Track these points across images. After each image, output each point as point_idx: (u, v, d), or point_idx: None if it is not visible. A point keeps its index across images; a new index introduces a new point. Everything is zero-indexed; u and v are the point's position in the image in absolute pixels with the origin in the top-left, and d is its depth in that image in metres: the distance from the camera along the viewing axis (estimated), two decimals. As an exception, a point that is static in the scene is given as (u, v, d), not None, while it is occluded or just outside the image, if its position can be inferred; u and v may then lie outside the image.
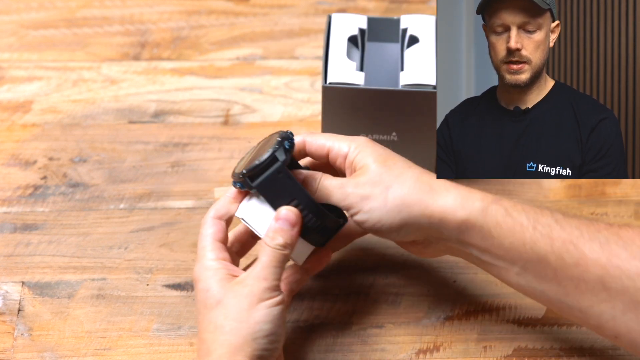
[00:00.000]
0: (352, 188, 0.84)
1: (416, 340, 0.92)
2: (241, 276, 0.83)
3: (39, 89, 1.11)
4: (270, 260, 0.83)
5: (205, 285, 0.82)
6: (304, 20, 1.19)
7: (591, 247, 0.79)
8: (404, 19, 1.01)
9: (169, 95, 1.11)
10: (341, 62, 0.97)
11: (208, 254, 0.84)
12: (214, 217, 0.86)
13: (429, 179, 0.84)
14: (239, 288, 0.82)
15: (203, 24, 1.19)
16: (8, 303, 0.93)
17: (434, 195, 0.83)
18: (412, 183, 0.83)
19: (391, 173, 0.84)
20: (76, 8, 1.20)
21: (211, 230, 0.85)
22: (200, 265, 0.84)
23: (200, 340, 0.82)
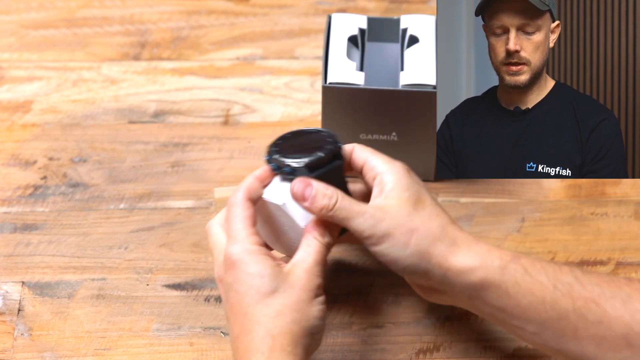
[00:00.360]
0: (374, 221, 0.80)
1: (416, 340, 0.92)
2: (293, 268, 0.81)
3: (39, 89, 1.11)
4: (322, 257, 0.81)
5: (258, 269, 0.79)
6: (304, 20, 1.19)
7: (613, 305, 0.78)
8: (404, 19, 1.01)
9: (169, 95, 1.11)
10: (341, 62, 0.97)
11: (250, 237, 0.81)
12: (247, 198, 0.83)
13: (454, 232, 0.81)
14: (296, 280, 0.80)
15: (203, 24, 1.19)
16: (8, 303, 0.93)
17: (455, 250, 0.80)
18: (438, 233, 0.80)
19: (419, 216, 0.81)
20: (76, 8, 1.20)
21: (247, 212, 0.82)
22: (243, 249, 0.80)
23: (250, 321, 0.78)
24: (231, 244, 0.81)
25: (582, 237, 0.99)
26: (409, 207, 0.81)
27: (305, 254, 0.81)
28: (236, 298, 0.80)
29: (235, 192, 0.83)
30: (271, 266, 0.80)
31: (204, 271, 0.96)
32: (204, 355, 0.90)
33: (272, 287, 0.79)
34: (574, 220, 1.00)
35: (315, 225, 0.82)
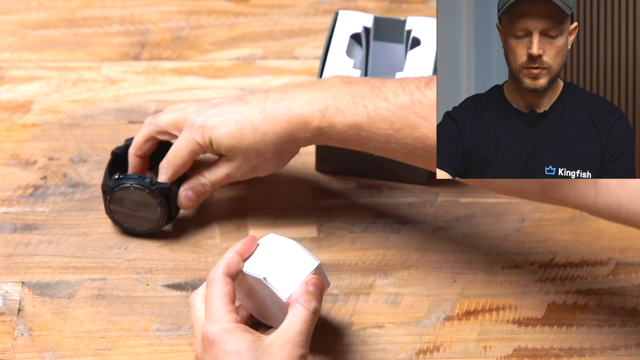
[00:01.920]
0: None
1: (416, 340, 0.92)
2: (275, 339, 0.81)
3: (39, 89, 1.11)
4: (308, 326, 0.82)
5: (237, 346, 0.79)
6: (304, 20, 1.19)
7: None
8: (410, 20, 1.01)
9: (169, 95, 1.11)
10: (339, 58, 0.97)
11: (227, 315, 0.81)
12: (225, 274, 0.84)
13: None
14: (277, 352, 0.80)
15: (203, 24, 1.19)
16: (8, 303, 0.94)
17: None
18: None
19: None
20: (76, 8, 1.20)
21: (226, 289, 0.83)
22: (221, 327, 0.81)
23: None
24: (208, 323, 0.81)
25: (582, 237, 0.99)
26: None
27: (290, 324, 0.82)
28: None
29: (215, 267, 0.84)
30: (250, 342, 0.80)
31: (204, 271, 0.96)
32: (204, 355, 0.91)
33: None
34: (574, 220, 1.01)
35: (302, 293, 0.83)
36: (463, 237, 0.99)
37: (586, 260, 0.98)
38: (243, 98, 0.93)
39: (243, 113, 0.92)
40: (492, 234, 0.99)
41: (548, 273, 0.97)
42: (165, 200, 0.95)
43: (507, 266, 0.97)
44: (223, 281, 0.83)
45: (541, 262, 0.97)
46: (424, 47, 0.98)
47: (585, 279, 0.96)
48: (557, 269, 0.97)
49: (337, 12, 1.01)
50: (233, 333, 0.80)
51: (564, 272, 0.97)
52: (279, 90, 0.92)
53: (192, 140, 0.93)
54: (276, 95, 0.92)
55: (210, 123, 0.92)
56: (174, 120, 0.95)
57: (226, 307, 0.82)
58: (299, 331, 0.81)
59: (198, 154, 0.94)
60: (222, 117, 0.92)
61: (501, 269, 0.97)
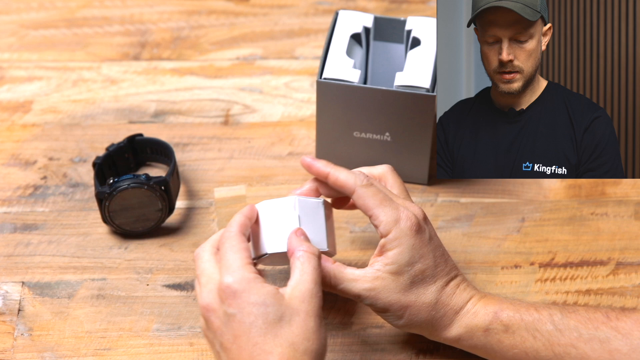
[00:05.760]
0: (368, 292, 0.85)
1: (416, 340, 0.92)
2: (293, 292, 0.80)
3: (39, 89, 1.11)
4: (319, 272, 0.82)
5: (262, 299, 0.79)
6: (304, 20, 1.19)
7: (592, 347, 0.83)
8: (410, 20, 1.01)
9: (169, 95, 1.11)
10: (339, 58, 0.97)
11: (248, 266, 0.81)
12: (241, 232, 0.83)
13: (445, 306, 0.86)
14: (299, 306, 0.80)
15: (203, 24, 1.19)
16: (8, 303, 0.94)
17: (444, 323, 0.86)
18: (430, 306, 0.86)
19: (414, 292, 0.85)
20: (76, 8, 1.20)
21: (243, 245, 0.82)
22: (242, 277, 0.80)
23: (262, 351, 0.78)
24: (227, 274, 0.80)
25: (582, 237, 0.99)
26: (405, 282, 0.85)
27: (302, 274, 0.81)
28: (241, 329, 0.79)
29: (228, 227, 0.84)
30: (273, 294, 0.79)
31: (204, 271, 0.96)
32: (204, 355, 0.91)
33: (277, 315, 0.79)
34: (574, 220, 1.01)
35: (299, 242, 0.83)
36: (463, 237, 0.99)
37: (586, 260, 0.98)
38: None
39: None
40: (492, 234, 0.99)
41: (548, 273, 0.97)
42: (164, 192, 0.95)
43: (507, 266, 0.97)
44: (239, 238, 0.83)
45: (541, 262, 0.97)
46: (424, 47, 0.98)
47: (585, 279, 0.96)
48: (557, 269, 0.97)
49: (337, 12, 1.01)
50: (256, 283, 0.80)
51: (564, 272, 0.97)
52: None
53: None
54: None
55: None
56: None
57: (245, 259, 0.81)
58: (314, 280, 0.81)
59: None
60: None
61: (501, 269, 0.97)
